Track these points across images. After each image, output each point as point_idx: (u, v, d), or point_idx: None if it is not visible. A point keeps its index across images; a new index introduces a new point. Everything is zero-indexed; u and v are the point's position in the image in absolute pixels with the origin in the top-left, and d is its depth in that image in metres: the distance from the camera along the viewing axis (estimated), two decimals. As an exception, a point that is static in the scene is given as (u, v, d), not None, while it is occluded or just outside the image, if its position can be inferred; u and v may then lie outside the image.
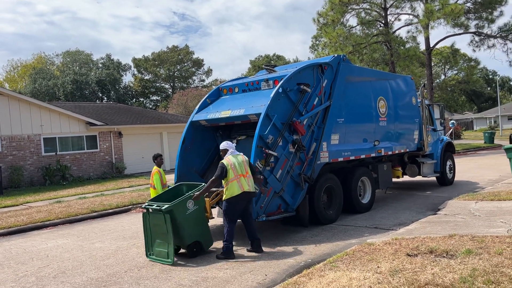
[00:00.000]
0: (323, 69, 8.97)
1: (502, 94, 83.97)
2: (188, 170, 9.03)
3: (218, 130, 9.39)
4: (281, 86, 8.08)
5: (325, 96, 8.96)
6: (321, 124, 8.80)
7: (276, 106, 7.95)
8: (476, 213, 7.91)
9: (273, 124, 7.79)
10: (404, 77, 12.09)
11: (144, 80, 59.39)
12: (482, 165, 18.54)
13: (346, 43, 26.75)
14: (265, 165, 7.58)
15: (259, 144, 7.55)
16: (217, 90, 9.78)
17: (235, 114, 8.36)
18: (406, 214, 9.12)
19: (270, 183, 7.65)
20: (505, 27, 27.64)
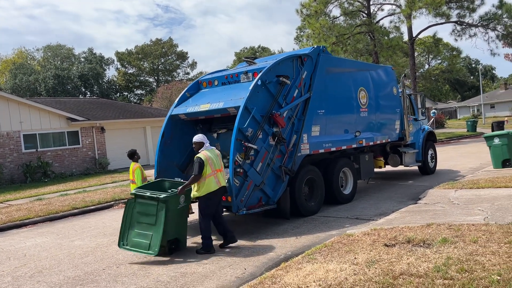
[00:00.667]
0: (303, 60, 8.92)
1: (485, 83, 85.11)
2: (169, 165, 8.93)
3: (198, 124, 9.30)
4: (260, 78, 8.01)
5: (305, 87, 8.92)
6: (301, 116, 8.76)
7: (255, 98, 7.88)
8: (455, 201, 8.00)
9: (253, 117, 7.73)
10: (384, 67, 12.12)
11: (128, 74, 58.69)
12: (464, 153, 18.79)
13: (330, 34, 26.71)
14: (245, 158, 7.53)
15: (238, 137, 7.49)
16: (196, 83, 9.67)
17: (214, 107, 8.27)
18: (387, 204, 9.18)
19: (250, 176, 7.60)
20: (486, 15, 27.86)
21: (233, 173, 7.32)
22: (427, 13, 25.64)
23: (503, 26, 27.74)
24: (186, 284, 5.35)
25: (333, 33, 27.12)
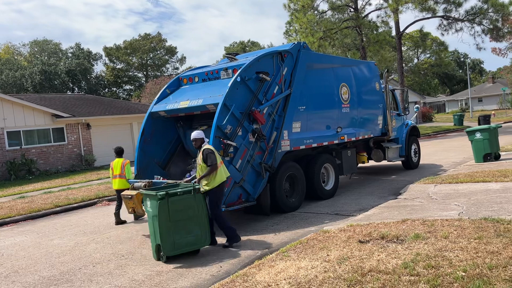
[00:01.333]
0: (283, 57, 8.91)
1: (473, 77, 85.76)
2: (149, 163, 8.90)
3: (179, 121, 9.25)
4: (239, 75, 7.98)
5: (286, 84, 8.92)
6: (281, 112, 8.76)
7: (235, 95, 7.86)
8: (434, 196, 8.07)
9: (232, 114, 7.71)
10: (367, 62, 12.14)
11: (116, 69, 58.16)
12: (449, 147, 18.96)
13: (317, 28, 26.68)
14: (224, 156, 7.52)
15: (217, 134, 7.48)
16: (177, 80, 9.62)
17: (193, 104, 8.23)
18: (368, 199, 9.24)
19: (230, 173, 7.58)
20: (472, 10, 28.00)
21: (212, 170, 7.30)
22: (413, 7, 25.74)
23: (489, 21, 27.92)
24: (160, 282, 5.35)
25: (320, 28, 27.10)
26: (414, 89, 57.00)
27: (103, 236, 8.16)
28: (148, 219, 6.42)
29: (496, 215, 5.96)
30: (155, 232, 6.08)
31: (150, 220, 6.23)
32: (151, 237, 6.31)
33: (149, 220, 6.32)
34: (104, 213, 10.72)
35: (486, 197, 7.26)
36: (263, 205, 8.30)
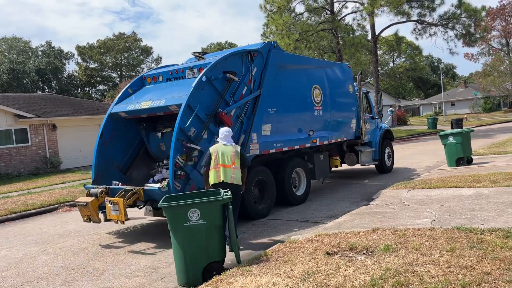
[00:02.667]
0: (252, 56, 8.51)
1: (446, 81, 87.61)
2: (108, 167, 8.33)
3: (141, 123, 8.71)
4: (204, 74, 7.54)
5: (255, 85, 8.52)
6: (250, 114, 8.36)
7: (199, 96, 7.41)
8: (407, 202, 7.80)
9: (196, 116, 7.25)
10: (340, 64, 11.88)
11: (89, 69, 56.59)
12: (423, 151, 18.95)
13: (293, 30, 26.44)
14: (187, 160, 7.05)
15: (179, 137, 7.01)
16: (140, 79, 9.09)
17: (155, 105, 7.73)
18: (340, 205, 8.92)
19: (193, 179, 7.13)
20: (445, 15, 28.32)
21: (173, 176, 6.83)
22: (388, 11, 25.83)
23: (462, 26, 28.30)
24: (109, 301, 4.84)
25: (296, 29, 26.87)
26: (389, 93, 57.62)
27: (56, 246, 7.55)
28: (186, 236, 5.04)
29: (469, 224, 5.70)
30: (209, 248, 5.07)
31: (201, 234, 5.03)
32: (193, 256, 5.03)
33: (193, 236, 5.03)
34: (63, 220, 10.07)
35: (459, 204, 7.02)
36: (229, 212, 7.85)
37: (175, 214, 5.11)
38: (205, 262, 5.10)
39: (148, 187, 7.29)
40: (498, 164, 11.52)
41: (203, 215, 5.07)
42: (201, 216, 5.07)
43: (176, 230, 5.12)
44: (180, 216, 5.06)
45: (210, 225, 5.11)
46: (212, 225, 5.13)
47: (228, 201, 5.21)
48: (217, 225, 5.19)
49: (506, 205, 6.49)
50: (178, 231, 5.10)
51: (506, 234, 4.98)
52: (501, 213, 6.08)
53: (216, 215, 5.16)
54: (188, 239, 5.06)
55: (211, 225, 5.12)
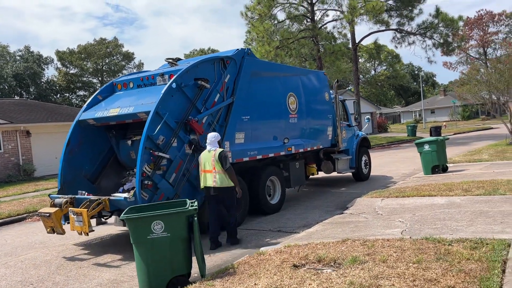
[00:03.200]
0: (225, 63, 8.39)
1: (427, 89, 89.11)
2: (76, 176, 8.05)
3: (111, 130, 8.47)
4: (174, 81, 7.37)
5: (228, 92, 8.39)
6: (223, 122, 8.22)
7: (169, 103, 7.24)
8: (380, 211, 7.74)
9: (165, 123, 7.07)
10: (316, 72, 11.86)
11: (70, 74, 55.59)
12: (401, 158, 19.07)
13: (274, 37, 26.48)
14: (155, 169, 6.85)
15: (147, 145, 6.81)
16: (111, 85, 8.85)
17: (124, 112, 7.52)
18: (314, 214, 8.81)
19: (162, 188, 6.93)
20: (423, 24, 28.78)
21: (140, 185, 6.62)
22: (368, 19, 26.12)
23: (439, 35, 28.78)
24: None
25: (277, 37, 26.92)
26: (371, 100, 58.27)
27: (18, 259, 7.24)
28: (149, 249, 4.82)
29: (438, 234, 5.64)
30: (173, 261, 4.86)
31: (165, 247, 4.81)
32: (157, 270, 4.81)
33: (157, 249, 4.80)
34: (30, 230, 9.72)
35: (430, 213, 6.98)
36: (200, 223, 7.64)
37: (137, 226, 4.91)
38: (170, 276, 4.91)
39: (114, 197, 7.05)
40: (472, 172, 11.62)
41: (167, 227, 4.89)
42: (165, 229, 4.88)
43: (139, 243, 4.92)
44: (143, 229, 4.87)
45: (175, 238, 4.92)
46: (177, 237, 4.94)
47: (193, 212, 5.04)
48: (183, 238, 5.00)
49: (476, 215, 6.47)
50: (141, 244, 4.90)
51: (473, 245, 4.93)
52: (471, 223, 6.05)
53: (181, 227, 4.98)
54: (152, 252, 4.87)
55: (176, 238, 4.93)
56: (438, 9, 28.07)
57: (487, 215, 6.35)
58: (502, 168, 11.74)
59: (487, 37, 57.34)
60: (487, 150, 17.19)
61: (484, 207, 6.94)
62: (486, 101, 20.42)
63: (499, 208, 6.74)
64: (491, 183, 8.79)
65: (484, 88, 19.35)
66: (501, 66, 18.97)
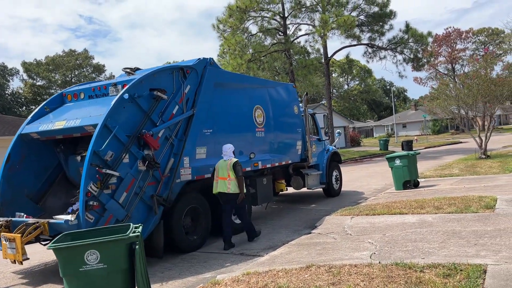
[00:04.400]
0: (185, 73, 7.84)
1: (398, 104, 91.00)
2: (16, 195, 7.26)
3: (59, 145, 7.74)
4: (127, 91, 6.76)
5: (188, 104, 7.83)
6: (182, 136, 7.63)
7: (120, 115, 6.62)
8: (349, 231, 7.27)
9: (115, 137, 6.43)
10: (285, 84, 11.45)
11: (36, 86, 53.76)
12: (373, 173, 18.83)
13: (246, 50, 26.17)
14: (102, 188, 6.18)
15: (93, 162, 6.14)
16: (59, 96, 8.15)
17: (70, 125, 6.85)
18: (281, 234, 8.27)
19: (110, 209, 6.25)
20: (394, 39, 29.12)
21: (84, 207, 5.93)
22: (339, 33, 26.17)
23: (409, 50, 29.15)
24: None
25: (249, 50, 26.63)
26: (344, 114, 58.76)
27: None
28: (82, 284, 4.14)
29: (410, 257, 5.18)
30: None
31: (102, 281, 4.14)
32: None
33: (92, 284, 4.13)
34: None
35: (401, 233, 6.55)
36: (154, 246, 6.98)
37: (68, 257, 4.20)
38: None
39: (55, 219, 6.32)
40: (443, 187, 11.38)
41: (103, 258, 4.18)
42: (101, 259, 4.17)
43: (70, 276, 4.19)
44: (74, 260, 4.16)
45: (113, 270, 4.22)
46: (115, 269, 4.25)
47: (134, 240, 4.39)
48: (122, 269, 4.32)
49: (448, 235, 6.07)
50: (73, 277, 4.18)
51: (447, 271, 4.48)
52: (443, 244, 5.63)
53: (120, 257, 4.29)
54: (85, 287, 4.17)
55: (114, 270, 4.23)
56: (408, 25, 28.52)
57: (460, 236, 5.95)
58: (473, 183, 11.54)
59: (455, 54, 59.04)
60: (457, 165, 17.10)
61: (456, 226, 6.56)
62: (455, 115, 20.54)
63: (471, 228, 6.36)
64: (463, 200, 8.48)
65: (453, 102, 19.46)
66: (469, 81, 19.11)
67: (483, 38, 61.90)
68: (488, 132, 18.88)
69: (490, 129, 19.17)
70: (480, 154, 18.72)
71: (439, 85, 23.13)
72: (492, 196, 8.54)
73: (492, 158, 17.98)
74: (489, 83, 17.85)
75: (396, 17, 28.61)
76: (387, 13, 28.52)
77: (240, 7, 25.09)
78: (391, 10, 28.67)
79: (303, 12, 29.26)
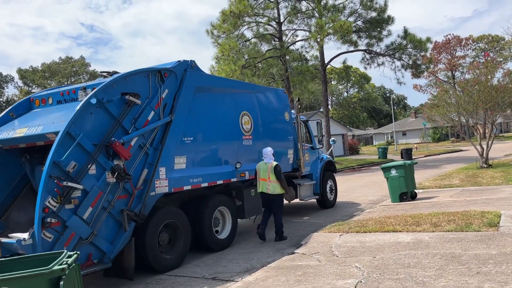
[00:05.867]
0: (163, 76, 7.23)
1: (398, 111, 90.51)
2: (-25, 209, 6.64)
3: (24, 154, 7.11)
4: (94, 95, 6.14)
5: (166, 109, 7.22)
6: (158, 144, 7.00)
7: (86, 121, 6.01)
8: (336, 251, 6.55)
9: (79, 146, 5.81)
10: (275, 90, 10.85)
11: (31, 93, 53.16)
12: (370, 182, 18.14)
13: (239, 56, 25.58)
14: (62, 203, 5.54)
15: (52, 173, 5.51)
16: (27, 101, 7.54)
17: (31, 132, 6.23)
18: (262, 253, 7.50)
19: (72, 227, 5.62)
20: (392, 45, 28.56)
21: (40, 224, 5.29)
22: (335, 39, 25.66)
23: (408, 56, 28.59)
24: None
25: (243, 56, 26.08)
26: (343, 122, 58.20)
27: None
28: None
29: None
30: None
31: None
32: None
33: None
34: None
35: (393, 256, 5.85)
36: (125, 267, 6.32)
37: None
38: None
39: (6, 239, 5.68)
40: (442, 200, 10.68)
41: None
42: None
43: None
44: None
45: None
46: None
47: (59, 274, 3.58)
48: None
49: (447, 259, 5.37)
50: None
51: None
52: (440, 272, 4.94)
53: None
54: None
55: None
56: (406, 30, 27.94)
57: (460, 261, 5.25)
58: (474, 195, 10.84)
59: (455, 61, 58.58)
60: (457, 174, 16.33)
61: (456, 248, 5.87)
62: (455, 123, 19.90)
63: (473, 251, 5.66)
64: (463, 216, 7.73)
65: (453, 110, 18.85)
66: (470, 87, 18.49)
67: (483, 45, 61.40)
68: (490, 140, 18.18)
69: (492, 137, 18.51)
70: (481, 163, 18.02)
71: (438, 92, 22.49)
72: (496, 212, 7.81)
73: (494, 168, 17.28)
74: (490, 89, 17.23)
75: (394, 23, 28.09)
76: (385, 19, 27.91)
77: (234, 12, 24.46)
78: (389, 16, 28.09)
79: (299, 18, 28.78)
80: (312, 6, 27.24)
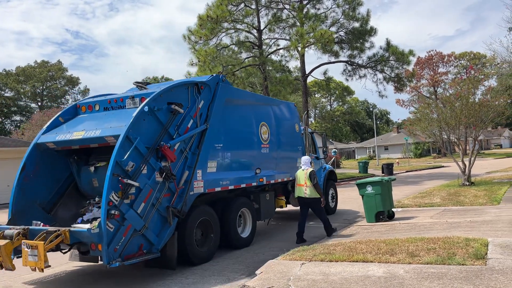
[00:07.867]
0: (200, 88, 8.07)
1: (381, 126, 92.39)
2: (30, 205, 7.25)
3: (72, 155, 7.79)
4: (147, 104, 6.93)
5: (202, 118, 8.04)
6: (196, 149, 7.81)
7: (141, 127, 6.77)
8: (293, 285, 5.58)
9: (135, 148, 6.56)
10: (287, 103, 11.79)
11: (3, 97, 51.79)
12: (347, 198, 16.67)
13: (216, 63, 25.08)
14: (123, 198, 6.26)
15: (115, 172, 6.23)
16: (74, 108, 8.23)
17: (89, 135, 6.94)
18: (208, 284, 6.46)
19: (129, 219, 6.33)
20: (374, 57, 28.41)
21: (106, 215, 6.00)
22: (315, 48, 25.50)
23: (390, 68, 28.64)
24: None
25: (219, 62, 25.42)
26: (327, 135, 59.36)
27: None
28: None
29: None
30: None
31: None
32: None
33: None
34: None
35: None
36: (168, 258, 7.05)
37: None
38: None
39: (75, 228, 6.36)
40: (421, 221, 9.85)
41: None
42: None
43: None
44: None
45: None
46: None
47: None
48: None
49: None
50: None
51: None
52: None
53: None
54: None
55: None
56: (389, 42, 27.85)
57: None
58: (457, 217, 9.98)
59: (437, 77, 60.41)
60: (439, 192, 15.32)
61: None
62: (437, 138, 19.05)
63: (457, 292, 4.75)
64: (445, 243, 6.82)
65: (435, 124, 18.08)
66: (453, 102, 17.39)
67: (465, 62, 62.98)
68: (472, 156, 17.31)
69: (474, 153, 17.70)
70: (463, 181, 17.08)
71: (420, 106, 22.56)
72: (482, 239, 6.89)
73: (476, 185, 16.48)
74: (473, 103, 16.76)
75: (377, 34, 27.82)
76: (368, 30, 27.56)
77: (212, 16, 23.63)
78: (372, 27, 27.82)
79: (281, 27, 28.53)
80: (293, 15, 26.95)
